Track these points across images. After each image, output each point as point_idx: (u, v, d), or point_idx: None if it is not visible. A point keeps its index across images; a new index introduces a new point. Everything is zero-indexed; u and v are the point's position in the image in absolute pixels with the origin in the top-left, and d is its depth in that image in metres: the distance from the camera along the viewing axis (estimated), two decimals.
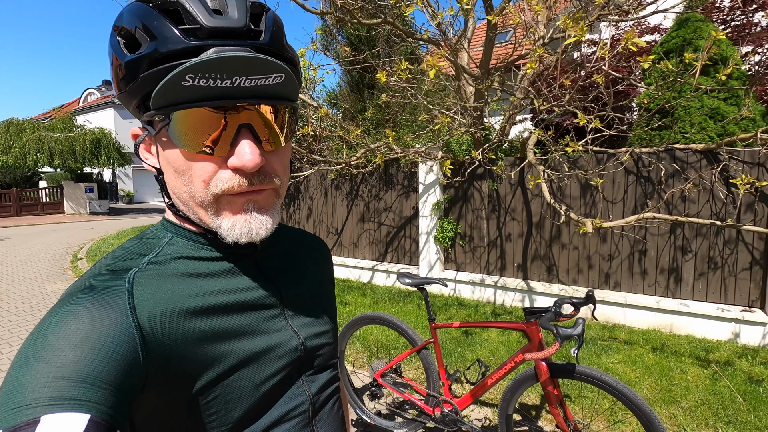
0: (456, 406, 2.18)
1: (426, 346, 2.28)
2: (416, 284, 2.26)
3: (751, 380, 2.92)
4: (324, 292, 0.78)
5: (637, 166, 4.02)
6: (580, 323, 1.64)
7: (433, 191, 5.15)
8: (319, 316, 0.72)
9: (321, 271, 0.79)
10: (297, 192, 6.74)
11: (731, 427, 2.41)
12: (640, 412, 1.70)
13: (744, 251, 3.66)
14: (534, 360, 1.74)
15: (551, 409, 1.89)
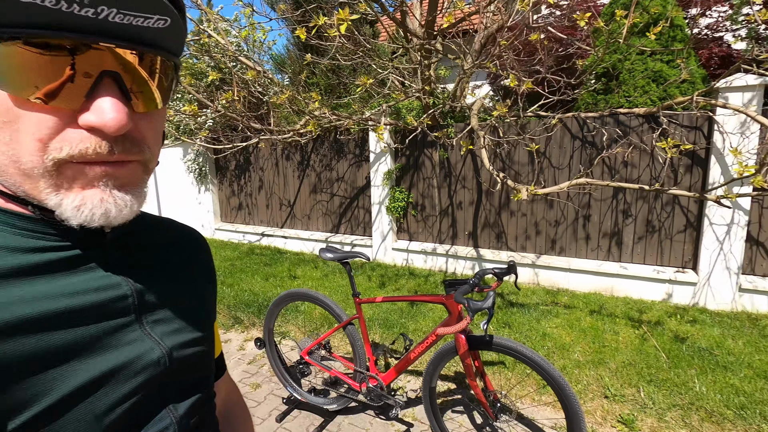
0: (381, 381, 2.14)
1: (351, 322, 2.20)
2: (338, 259, 2.15)
3: (677, 338, 3.03)
4: (199, 292, 0.63)
5: (582, 131, 3.99)
6: (490, 296, 1.57)
7: (384, 160, 5.01)
8: (191, 321, 0.58)
9: (196, 268, 0.64)
10: (247, 163, 6.44)
11: (652, 385, 2.49)
12: (552, 380, 1.68)
13: (680, 214, 3.74)
14: (445, 334, 1.68)
15: (469, 381, 1.86)
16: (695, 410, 2.27)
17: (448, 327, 1.62)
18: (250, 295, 4.13)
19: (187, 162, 6.84)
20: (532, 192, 2.60)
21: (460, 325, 1.59)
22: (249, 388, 2.74)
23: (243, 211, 6.71)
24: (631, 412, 2.30)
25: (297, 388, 2.51)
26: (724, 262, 3.51)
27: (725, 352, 2.81)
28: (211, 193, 6.88)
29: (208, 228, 7.03)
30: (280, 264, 5.18)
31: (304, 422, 2.38)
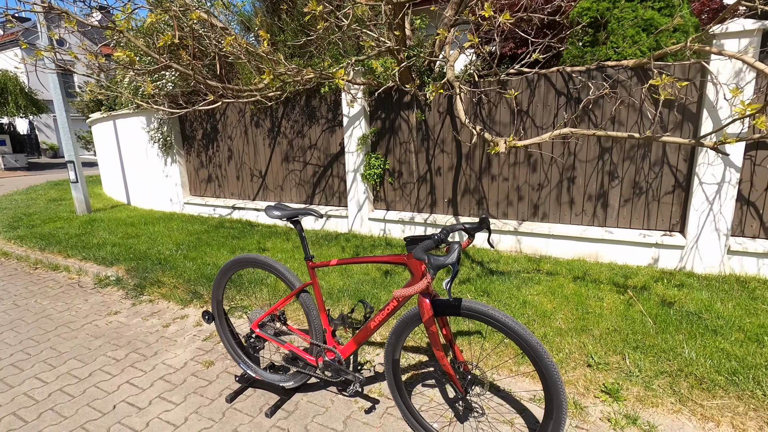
0: (339, 354, 1.89)
1: (305, 290, 1.93)
2: (287, 216, 1.86)
3: (663, 303, 2.85)
4: None
5: (568, 86, 3.71)
6: (454, 250, 1.31)
7: (358, 124, 4.67)
8: None
9: None
10: (215, 132, 6.03)
11: (638, 351, 2.30)
12: (530, 349, 1.45)
13: (668, 174, 3.53)
14: (401, 296, 1.43)
15: (435, 352, 1.62)
16: (684, 377, 2.09)
17: (407, 288, 1.36)
18: (214, 268, 3.83)
19: (151, 131, 6.39)
20: (510, 144, 2.33)
21: (420, 285, 1.33)
22: (201, 366, 2.48)
23: (213, 184, 6.33)
24: (616, 381, 2.11)
25: (251, 364, 2.25)
26: (714, 223, 3.33)
27: (714, 316, 2.63)
28: (179, 165, 6.46)
29: (176, 202, 6.64)
30: (250, 237, 4.88)
31: (258, 402, 2.14)
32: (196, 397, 2.20)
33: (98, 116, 7.68)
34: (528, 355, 1.46)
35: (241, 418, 2.02)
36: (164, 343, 2.78)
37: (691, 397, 1.97)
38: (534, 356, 1.45)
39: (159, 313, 3.24)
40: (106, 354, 2.66)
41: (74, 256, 4.43)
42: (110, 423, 2.02)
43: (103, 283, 3.85)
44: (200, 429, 1.96)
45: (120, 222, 5.90)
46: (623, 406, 1.97)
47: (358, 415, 2.02)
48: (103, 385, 2.33)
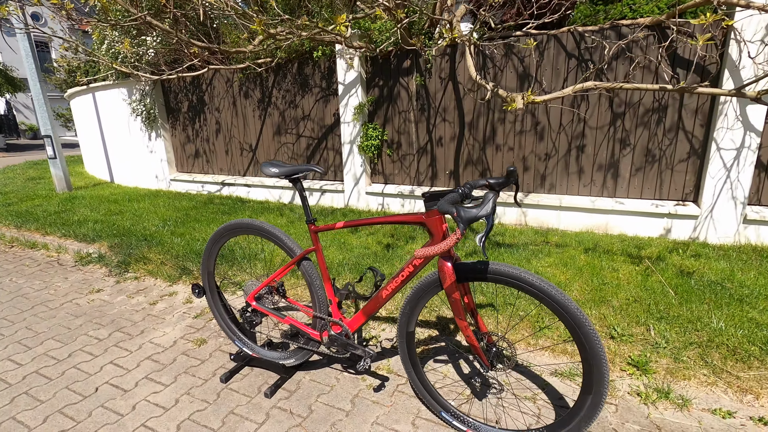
0: (346, 328, 1.70)
1: (307, 257, 1.73)
2: (285, 174, 1.64)
3: (682, 273, 2.71)
4: None
5: (579, 47, 3.48)
6: (489, 199, 1.11)
7: (354, 92, 4.40)
8: None
9: None
10: (201, 104, 5.70)
11: (663, 322, 2.16)
12: (568, 315, 1.27)
13: (683, 141, 3.36)
14: (426, 258, 1.23)
15: (458, 321, 1.44)
16: (715, 348, 1.95)
17: (430, 247, 1.17)
18: (203, 244, 3.60)
19: (133, 103, 6.03)
20: (529, 99, 2.12)
21: (448, 242, 1.14)
22: (192, 344, 2.28)
23: (200, 159, 6.03)
24: (643, 352, 1.96)
25: (247, 342, 2.06)
26: (730, 191, 3.18)
27: (737, 285, 2.50)
28: (164, 140, 6.14)
29: (162, 179, 6.34)
30: (241, 212, 4.64)
31: (256, 381, 1.95)
32: (187, 377, 2.00)
33: (76, 90, 7.26)
34: (565, 323, 1.29)
35: (238, 399, 1.83)
36: (151, 321, 2.57)
37: (725, 368, 1.83)
38: (573, 324, 1.27)
39: (145, 290, 3.02)
40: (87, 333, 2.44)
41: (53, 234, 4.16)
42: (92, 407, 1.82)
43: (85, 260, 3.60)
44: (193, 411, 1.77)
45: (102, 199, 5.60)
46: (653, 380, 1.83)
47: (366, 394, 1.84)
48: (85, 367, 2.12)
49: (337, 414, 1.73)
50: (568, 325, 1.29)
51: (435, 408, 1.63)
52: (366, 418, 1.70)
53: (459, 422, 1.58)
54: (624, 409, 1.72)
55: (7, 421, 1.76)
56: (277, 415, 1.73)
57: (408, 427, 1.64)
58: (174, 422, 1.71)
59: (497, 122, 3.92)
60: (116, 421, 1.73)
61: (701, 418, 1.66)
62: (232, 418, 1.72)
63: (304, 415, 1.73)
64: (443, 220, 1.41)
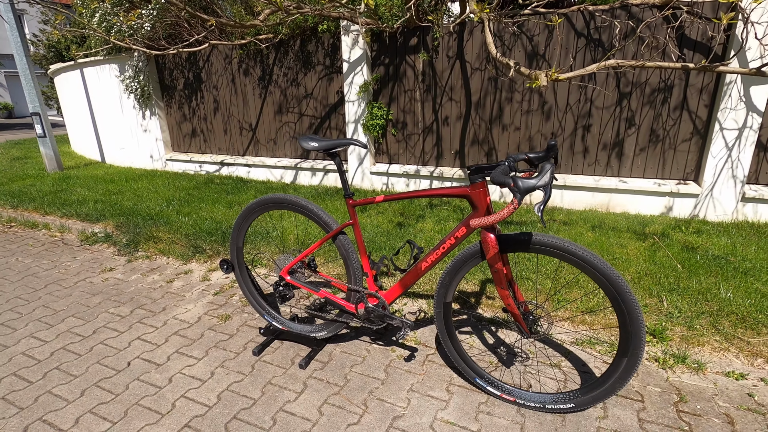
0: (383, 300, 1.74)
1: (342, 231, 1.75)
2: (325, 148, 1.65)
3: (686, 248, 2.83)
4: None
5: (588, 27, 3.50)
6: (546, 170, 1.15)
7: (359, 70, 4.36)
8: None
9: None
10: (198, 81, 5.56)
11: (675, 293, 2.26)
12: (609, 283, 1.33)
13: (687, 121, 3.45)
14: (481, 226, 1.27)
15: (499, 291, 1.49)
16: (726, 316, 2.06)
17: (485, 217, 1.20)
18: (212, 223, 3.58)
19: (126, 80, 5.85)
20: (553, 77, 2.14)
21: (505, 212, 1.17)
22: (217, 320, 2.30)
23: (197, 138, 5.92)
24: (659, 322, 2.06)
25: (277, 316, 2.09)
26: (731, 170, 3.29)
27: (740, 259, 2.62)
28: (159, 118, 5.99)
29: (158, 159, 6.21)
30: (245, 192, 4.60)
31: (288, 353, 1.99)
32: (218, 351, 2.03)
33: (62, 66, 6.99)
34: (607, 291, 1.35)
35: (273, 371, 1.87)
36: (171, 298, 2.57)
37: (737, 334, 1.95)
38: (615, 292, 1.34)
39: (159, 269, 3.01)
40: (108, 311, 2.44)
41: (53, 213, 4.07)
42: (128, 380, 1.84)
43: (91, 240, 3.55)
44: (231, 382, 1.80)
45: (98, 179, 5.48)
46: (669, 346, 1.93)
47: (398, 363, 1.91)
48: (112, 343, 2.13)
49: (373, 382, 1.79)
50: (609, 293, 1.35)
51: (470, 375, 1.70)
52: (401, 386, 1.76)
53: (493, 387, 1.66)
54: (644, 373, 1.82)
55: (43, 395, 1.77)
56: (314, 385, 1.78)
57: (443, 394, 1.71)
58: (214, 393, 1.75)
59: (504, 101, 3.95)
60: (155, 393, 1.76)
61: (716, 380, 1.76)
62: (270, 388, 1.76)
63: (341, 384, 1.78)
64: (487, 193, 1.45)
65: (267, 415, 1.62)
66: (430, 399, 1.69)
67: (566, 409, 1.55)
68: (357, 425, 1.57)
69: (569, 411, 1.57)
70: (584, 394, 1.52)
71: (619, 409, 1.62)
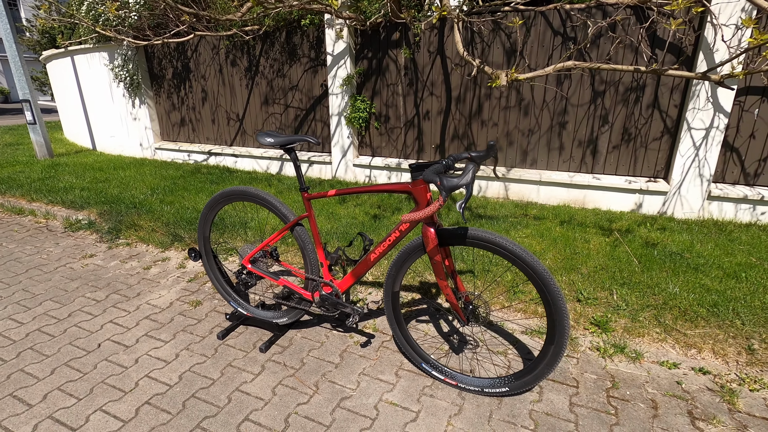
0: (336, 288, 1.84)
1: (299, 223, 1.84)
2: (281, 144, 1.73)
3: (647, 244, 2.93)
4: None
5: (565, 25, 3.56)
6: (469, 170, 1.24)
7: (343, 63, 4.41)
8: None
9: None
10: (186, 71, 5.61)
11: (625, 287, 2.37)
12: (537, 276, 1.43)
13: (658, 120, 3.52)
14: (411, 222, 1.36)
15: (439, 281, 1.59)
16: (668, 309, 2.17)
17: (416, 212, 1.29)
18: (193, 212, 3.67)
19: (115, 69, 5.89)
20: (512, 77, 2.22)
21: (432, 208, 1.27)
22: (188, 306, 2.40)
23: (186, 128, 5.98)
24: (605, 314, 2.17)
25: (242, 302, 2.19)
26: (698, 169, 3.38)
27: (695, 256, 2.72)
28: (148, 107, 6.04)
29: (147, 147, 6.28)
30: (229, 182, 4.69)
31: (251, 338, 2.10)
32: (185, 335, 2.14)
33: (53, 52, 7.01)
34: (534, 283, 1.45)
35: (234, 354, 1.98)
36: (146, 284, 2.67)
37: (675, 327, 2.05)
38: (541, 283, 1.44)
39: (138, 255, 3.11)
40: (84, 295, 2.54)
41: (40, 200, 4.16)
42: (96, 360, 1.95)
43: (75, 227, 3.64)
44: (193, 364, 1.91)
45: (87, 167, 5.55)
46: (611, 337, 2.04)
47: (354, 349, 2.01)
48: (85, 325, 2.23)
49: (327, 366, 1.89)
50: (537, 285, 1.45)
51: (416, 360, 1.81)
52: (354, 369, 1.87)
53: (437, 372, 1.77)
54: (584, 362, 1.92)
55: (15, 373, 1.87)
56: (271, 367, 1.89)
57: (392, 377, 1.82)
58: (176, 373, 1.85)
59: (484, 98, 4.02)
60: (121, 373, 1.86)
61: (650, 369, 1.87)
62: (230, 370, 1.87)
63: (296, 367, 1.89)
64: (428, 189, 1.54)
65: (223, 394, 1.73)
66: (379, 382, 1.80)
67: (501, 393, 1.66)
68: (306, 405, 1.68)
69: (504, 395, 1.68)
70: (517, 379, 1.62)
71: (554, 393, 1.73)
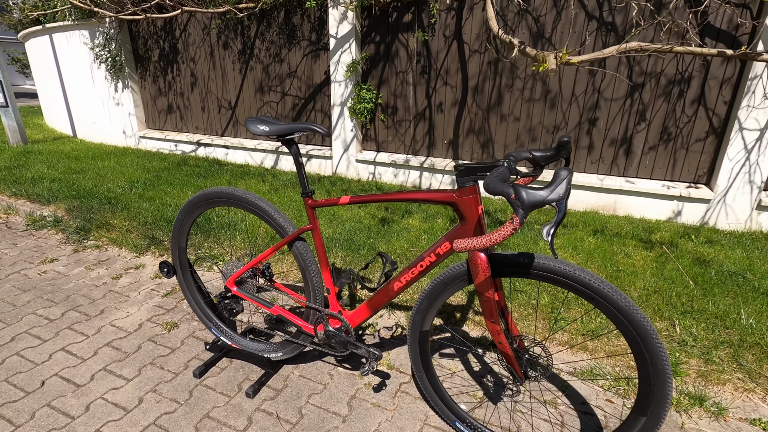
0: (346, 323, 1.43)
1: (301, 237, 1.42)
2: (279, 134, 1.30)
3: (698, 261, 2.54)
4: None
5: (601, 9, 3.15)
6: (562, 178, 0.83)
7: (347, 48, 3.97)
8: None
9: None
10: (174, 52, 5.12)
11: (688, 317, 1.98)
12: (631, 324, 1.03)
13: (703, 118, 3.13)
14: (467, 250, 0.95)
15: (488, 324, 1.18)
16: (748, 348, 1.78)
17: (474, 238, 0.88)
18: (175, 210, 3.23)
19: (96, 49, 5.38)
20: (563, 60, 1.81)
21: (503, 233, 0.85)
22: (161, 329, 1.98)
23: (174, 115, 5.50)
24: (671, 351, 1.77)
25: (226, 330, 1.77)
26: (748, 175, 3.00)
27: (760, 277, 2.34)
28: (132, 92, 5.55)
29: (131, 135, 5.79)
30: (219, 176, 4.24)
31: (236, 376, 1.68)
32: (154, 369, 1.71)
33: (31, 30, 6.47)
34: (626, 333, 1.05)
35: (214, 399, 1.56)
36: (113, 299, 2.24)
37: (762, 372, 1.67)
38: (636, 335, 1.03)
39: (108, 261, 2.67)
40: (36, 312, 2.10)
41: (2, 192, 3.69)
42: (36, 405, 1.52)
43: (38, 224, 3.19)
44: (160, 414, 1.49)
45: (62, 155, 5.06)
46: (684, 383, 1.65)
47: (365, 394, 1.60)
48: (30, 354, 1.80)
49: (332, 420, 1.48)
50: (629, 336, 1.05)
51: (449, 417, 1.40)
52: (366, 425, 1.46)
53: None
54: None
55: None
56: (260, 421, 1.47)
57: None
58: (136, 428, 1.43)
59: (504, 88, 3.60)
60: (65, 426, 1.44)
61: (740, 429, 1.49)
62: (207, 424, 1.45)
63: (293, 420, 1.48)
64: (479, 201, 1.12)
65: None
66: None
67: None
68: None
69: None
70: None
71: None
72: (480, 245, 0.89)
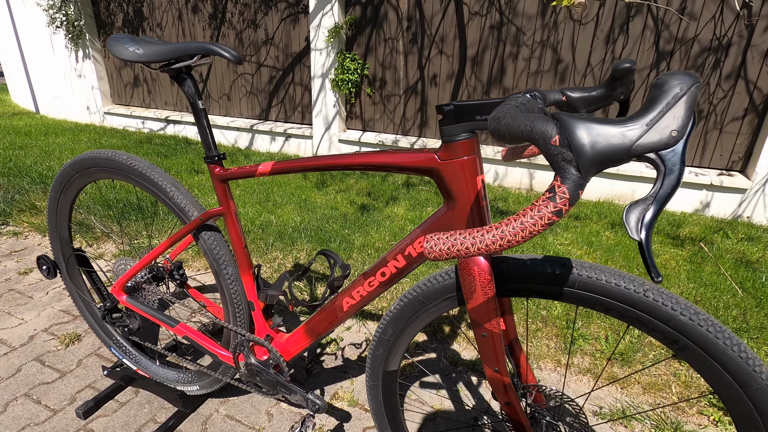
0: (276, 354, 0.96)
1: (209, 223, 0.95)
2: (159, 57, 0.82)
3: (741, 263, 2.09)
4: None
5: None
6: (677, 93, 0.35)
7: (329, 10, 3.45)
8: None
9: None
10: (139, 17, 4.57)
11: (745, 335, 1.53)
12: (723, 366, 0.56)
13: (742, 93, 2.66)
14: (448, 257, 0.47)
15: (489, 374, 0.72)
16: None
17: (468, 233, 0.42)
18: (122, 191, 2.75)
19: (50, 10, 4.81)
20: None
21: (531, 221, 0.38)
22: (57, 342, 1.51)
23: (140, 89, 4.97)
24: None
25: (131, 351, 1.30)
26: None
27: None
28: (94, 62, 5.00)
29: (95, 111, 5.25)
30: (182, 155, 3.74)
31: (137, 416, 1.22)
32: (25, 405, 1.25)
33: None
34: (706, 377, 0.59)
35: None
36: (11, 300, 1.76)
37: None
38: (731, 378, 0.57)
39: (22, 252, 2.18)
40: None
41: None
42: None
43: None
44: None
45: (11, 130, 4.53)
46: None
47: None
48: None
49: None
50: (717, 380, 0.59)
51: None
52: None
53: None
54: None
55: None
56: None
57: None
58: None
59: (508, 58, 3.11)
60: None
61: None
62: None
63: None
64: (479, 167, 0.65)
65: None
66: None
67: None
68: None
69: None
70: None
71: None
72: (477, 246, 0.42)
